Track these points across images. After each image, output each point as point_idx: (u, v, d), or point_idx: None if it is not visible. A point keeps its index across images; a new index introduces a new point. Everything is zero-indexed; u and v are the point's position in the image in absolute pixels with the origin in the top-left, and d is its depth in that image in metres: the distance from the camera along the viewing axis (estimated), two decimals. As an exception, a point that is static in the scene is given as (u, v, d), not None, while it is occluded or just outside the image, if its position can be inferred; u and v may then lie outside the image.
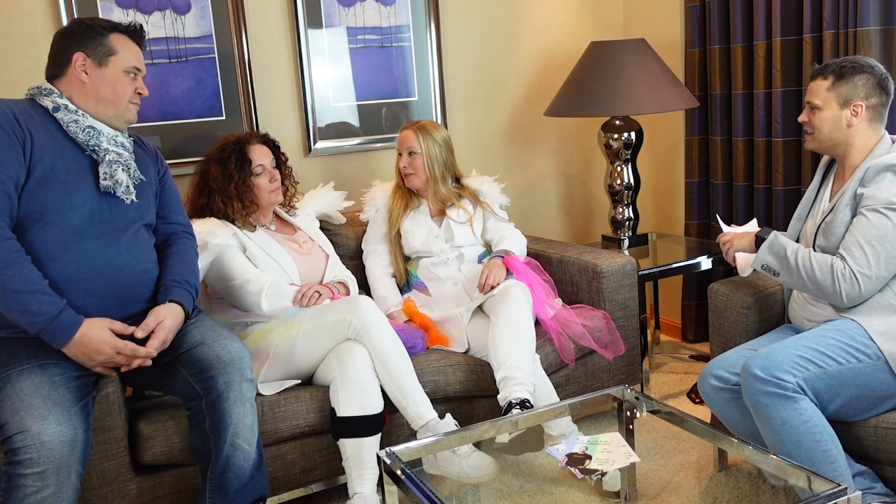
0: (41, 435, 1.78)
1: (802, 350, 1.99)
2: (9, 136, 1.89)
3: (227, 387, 2.05)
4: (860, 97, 2.11)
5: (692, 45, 3.40)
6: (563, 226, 3.85)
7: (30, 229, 1.93)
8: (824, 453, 1.93)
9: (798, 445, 1.93)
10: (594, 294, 2.79)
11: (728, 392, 2.15)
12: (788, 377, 1.94)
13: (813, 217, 2.28)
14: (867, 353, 1.99)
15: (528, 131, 3.66)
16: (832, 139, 2.16)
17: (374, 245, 2.88)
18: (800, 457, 1.92)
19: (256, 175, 2.54)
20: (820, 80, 2.16)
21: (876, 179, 2.06)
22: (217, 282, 2.50)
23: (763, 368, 1.96)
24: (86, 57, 2.01)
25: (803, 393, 1.95)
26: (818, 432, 1.94)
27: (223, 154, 2.54)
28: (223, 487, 2.05)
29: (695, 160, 3.48)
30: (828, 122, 2.15)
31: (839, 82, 2.12)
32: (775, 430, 1.96)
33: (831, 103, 2.14)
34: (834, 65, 2.15)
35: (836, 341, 2.00)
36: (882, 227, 2.02)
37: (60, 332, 1.88)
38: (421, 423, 2.31)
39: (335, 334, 2.35)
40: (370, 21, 3.23)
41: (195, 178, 2.62)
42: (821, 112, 2.15)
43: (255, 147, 2.57)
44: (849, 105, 2.12)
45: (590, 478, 1.91)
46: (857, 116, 2.12)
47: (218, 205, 2.53)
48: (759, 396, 1.97)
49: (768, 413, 1.96)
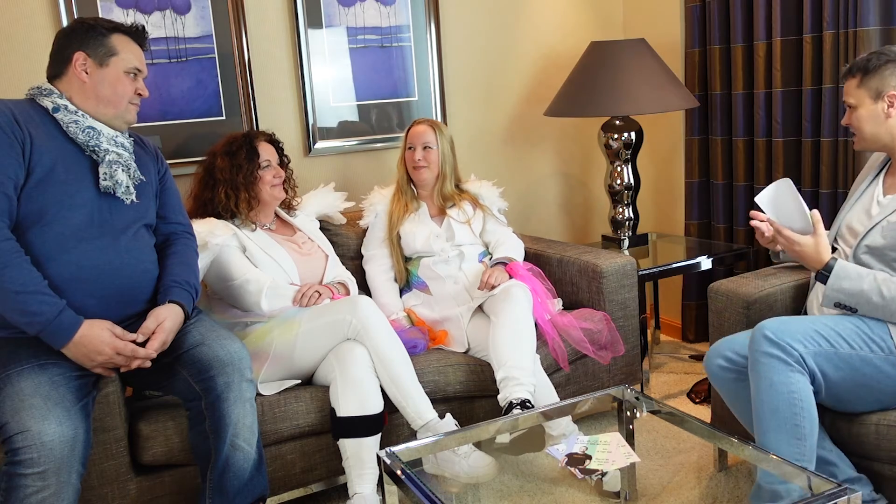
0: (42, 435, 1.78)
1: (819, 326, 1.99)
2: (8, 136, 1.89)
3: (227, 387, 2.04)
4: (892, 86, 2.10)
5: (692, 45, 3.40)
6: (563, 226, 3.85)
7: (29, 230, 1.93)
8: (796, 427, 1.92)
9: (774, 411, 1.93)
10: (594, 294, 2.79)
11: (734, 373, 2.14)
12: (797, 346, 1.94)
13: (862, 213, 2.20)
14: (881, 345, 1.99)
15: (528, 131, 3.67)
16: (875, 135, 2.15)
17: (373, 250, 2.88)
18: (771, 423, 1.92)
19: (263, 168, 2.58)
20: (850, 79, 2.16)
21: None
22: (217, 282, 2.51)
23: (775, 331, 1.96)
24: (86, 57, 2.01)
25: (803, 367, 1.94)
26: (800, 407, 1.93)
27: (232, 147, 2.58)
28: (223, 487, 2.05)
29: (695, 160, 3.48)
30: (866, 119, 2.14)
31: (866, 77, 2.12)
32: (760, 390, 1.96)
33: (864, 99, 2.13)
34: (860, 61, 2.14)
35: (854, 327, 2.00)
36: None
37: (60, 333, 1.88)
38: (421, 423, 2.31)
39: (335, 334, 2.35)
40: (370, 21, 3.23)
41: (199, 173, 2.64)
42: (857, 111, 2.15)
43: (263, 143, 2.63)
44: (882, 97, 2.11)
45: (590, 478, 1.91)
46: (893, 107, 2.11)
47: (221, 197, 2.53)
48: (761, 356, 1.97)
49: (761, 372, 1.96)
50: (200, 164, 2.67)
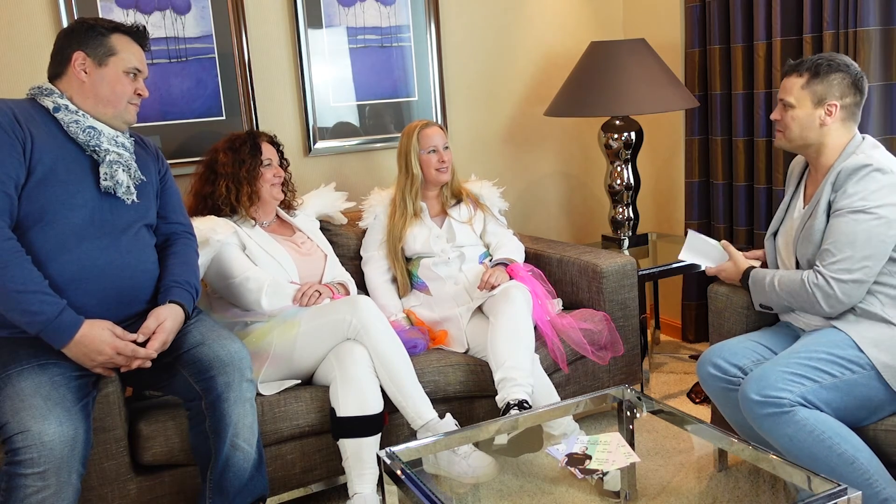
0: (42, 435, 1.78)
1: (794, 367, 1.96)
2: (9, 136, 1.89)
3: (227, 387, 2.05)
4: (835, 96, 2.06)
5: (692, 45, 3.40)
6: (563, 226, 3.85)
7: (30, 229, 1.92)
8: (840, 456, 1.88)
9: (813, 457, 1.89)
10: (594, 294, 2.79)
11: (723, 382, 2.14)
12: (784, 394, 1.91)
13: (785, 230, 2.25)
14: (859, 363, 1.97)
15: (528, 131, 3.66)
16: (803, 138, 2.12)
17: (372, 252, 2.88)
18: (822, 468, 1.85)
19: (265, 165, 2.59)
20: (795, 76, 2.11)
21: (847, 183, 2.02)
22: (217, 279, 2.50)
23: (758, 391, 1.93)
24: (86, 56, 2.01)
25: (803, 401, 1.92)
26: (827, 437, 1.89)
27: (235, 143, 2.59)
28: (223, 487, 2.05)
29: (695, 160, 3.48)
30: (800, 121, 2.10)
31: (814, 80, 2.07)
32: (787, 448, 1.93)
33: (805, 102, 2.09)
34: (809, 62, 2.09)
35: (827, 355, 1.98)
36: (851, 233, 1.99)
37: (61, 333, 1.88)
38: (421, 423, 2.31)
39: (335, 334, 2.35)
40: (370, 21, 3.23)
41: (199, 170, 2.65)
42: (794, 110, 2.10)
43: (265, 143, 2.65)
44: (823, 104, 2.07)
45: (590, 478, 1.91)
46: (830, 116, 2.07)
47: (221, 190, 2.54)
48: (761, 420, 1.94)
49: (775, 433, 1.94)
50: (201, 162, 2.68)
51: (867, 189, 1.99)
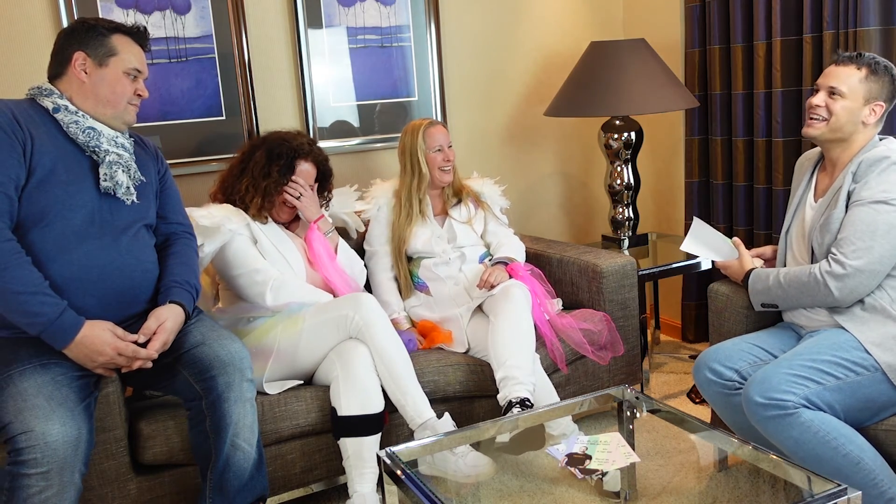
0: (45, 435, 1.78)
1: (798, 368, 1.95)
2: (9, 137, 1.89)
3: (228, 387, 2.05)
4: (883, 98, 2.09)
5: (692, 45, 3.40)
6: (563, 226, 3.85)
7: (30, 230, 1.93)
8: (846, 457, 1.88)
9: (819, 459, 1.89)
10: (594, 294, 2.79)
11: (721, 387, 2.14)
12: (788, 396, 1.91)
13: (797, 223, 2.25)
14: (864, 364, 1.97)
15: (528, 131, 3.67)
16: (843, 131, 2.11)
17: (376, 247, 2.86)
18: (828, 470, 1.85)
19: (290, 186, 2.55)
20: (853, 67, 2.09)
21: (869, 174, 2.04)
22: (224, 269, 2.49)
23: (761, 393, 1.93)
24: (86, 56, 2.01)
25: (806, 402, 1.91)
26: (832, 439, 1.89)
27: (277, 149, 2.54)
28: (223, 487, 2.05)
29: (695, 160, 3.48)
30: (847, 113, 2.08)
31: (872, 77, 2.08)
32: (792, 451, 1.92)
33: (857, 96, 2.08)
34: (868, 57, 2.09)
35: (831, 356, 1.97)
36: (872, 223, 2.00)
37: (62, 334, 1.88)
38: (419, 422, 2.31)
39: (338, 330, 2.35)
40: (370, 21, 3.23)
41: (238, 155, 2.60)
42: (844, 100, 2.09)
43: (305, 165, 2.58)
44: (870, 103, 2.08)
45: (590, 478, 1.91)
46: (873, 116, 2.09)
47: (242, 186, 2.51)
48: (766, 422, 1.94)
49: (779, 435, 1.93)
50: (245, 145, 2.64)
51: (889, 181, 2.01)
